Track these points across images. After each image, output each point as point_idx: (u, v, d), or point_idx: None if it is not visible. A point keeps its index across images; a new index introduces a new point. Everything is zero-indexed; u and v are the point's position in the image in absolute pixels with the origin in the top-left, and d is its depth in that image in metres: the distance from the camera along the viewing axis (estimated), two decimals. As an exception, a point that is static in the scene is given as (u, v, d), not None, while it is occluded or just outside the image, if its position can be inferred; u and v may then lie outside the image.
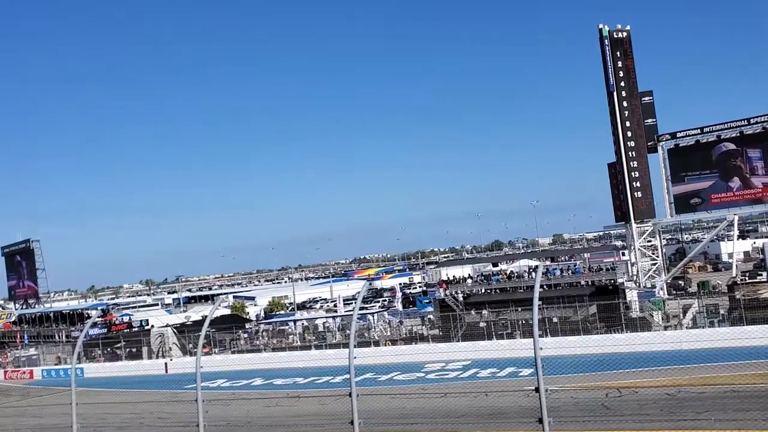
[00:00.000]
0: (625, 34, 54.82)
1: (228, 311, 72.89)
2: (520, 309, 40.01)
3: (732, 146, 50.40)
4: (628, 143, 54.11)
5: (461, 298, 46.45)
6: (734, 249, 53.30)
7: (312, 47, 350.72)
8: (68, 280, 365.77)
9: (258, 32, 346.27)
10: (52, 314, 78.76)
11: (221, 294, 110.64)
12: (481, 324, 41.70)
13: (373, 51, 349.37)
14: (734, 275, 48.37)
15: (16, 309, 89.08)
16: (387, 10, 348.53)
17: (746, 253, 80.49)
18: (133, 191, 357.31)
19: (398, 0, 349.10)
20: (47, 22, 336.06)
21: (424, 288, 76.81)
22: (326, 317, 55.56)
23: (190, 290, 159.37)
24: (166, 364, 44.69)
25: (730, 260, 53.34)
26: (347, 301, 74.20)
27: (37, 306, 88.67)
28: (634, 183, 53.82)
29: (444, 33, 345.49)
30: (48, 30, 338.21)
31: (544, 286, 43.73)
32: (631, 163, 54.01)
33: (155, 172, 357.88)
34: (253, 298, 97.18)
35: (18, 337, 71.27)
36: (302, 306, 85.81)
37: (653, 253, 54.32)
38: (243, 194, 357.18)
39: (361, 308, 57.00)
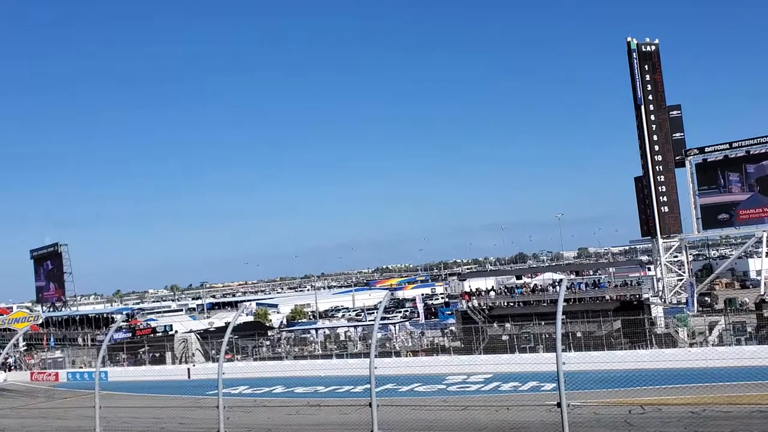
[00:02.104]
0: (653, 47, 54.51)
1: (251, 318, 73.30)
2: (543, 323, 39.74)
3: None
4: (656, 157, 53.70)
5: (483, 310, 46.28)
6: (762, 266, 52.50)
7: (334, 53, 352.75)
8: (95, 284, 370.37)
9: (280, 34, 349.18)
10: (78, 317, 79.77)
11: (244, 301, 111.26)
12: (504, 337, 41.49)
13: (396, 60, 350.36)
14: (762, 293, 47.63)
15: (43, 312, 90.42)
16: (412, 16, 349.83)
17: (775, 271, 79.09)
18: (160, 198, 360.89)
19: (420, 9, 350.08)
20: (69, 28, 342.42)
21: (447, 299, 76.66)
22: (348, 326, 55.63)
23: (214, 296, 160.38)
24: (188, 369, 44.99)
25: (758, 277, 52.62)
26: (369, 310, 74.25)
27: (63, 309, 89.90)
28: (660, 197, 53.35)
29: (467, 43, 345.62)
30: (58, 35, 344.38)
31: (568, 300, 43.40)
32: (658, 177, 53.55)
33: (182, 180, 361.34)
34: (275, 306, 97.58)
35: (44, 339, 72.28)
36: (324, 314, 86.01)
37: (679, 269, 53.71)
38: (268, 202, 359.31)
39: (383, 318, 57.10)
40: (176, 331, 61.67)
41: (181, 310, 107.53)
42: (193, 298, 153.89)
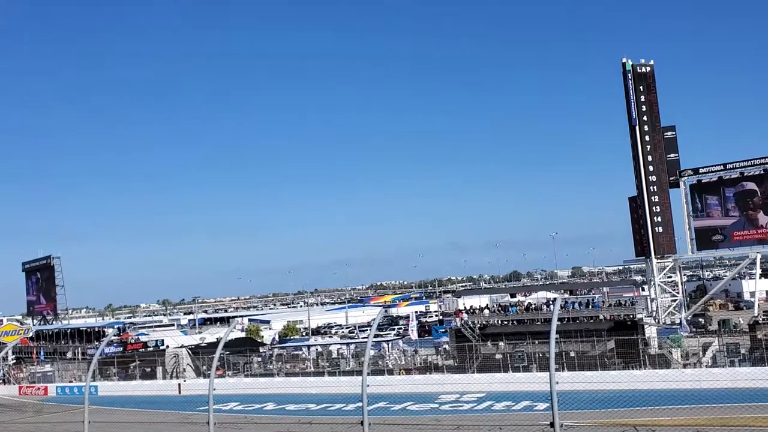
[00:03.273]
0: (648, 68, 54.82)
1: (243, 334, 72.86)
2: (537, 342, 39.58)
3: (752, 185, 49.97)
4: (650, 178, 53.84)
5: (477, 329, 46.11)
6: (756, 287, 52.54)
7: (335, 73, 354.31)
8: (86, 297, 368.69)
9: (283, 50, 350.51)
10: (68, 331, 79.16)
11: (236, 317, 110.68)
12: (497, 356, 41.30)
13: (395, 82, 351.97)
14: (756, 314, 47.61)
15: (34, 325, 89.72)
16: (412, 43, 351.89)
17: (768, 292, 79.13)
18: (154, 212, 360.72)
19: (424, 36, 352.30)
20: (80, 36, 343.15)
21: (441, 317, 76.35)
22: (340, 343, 55.31)
23: (206, 312, 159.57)
24: (179, 384, 44.62)
25: (752, 299, 52.61)
26: (362, 327, 73.91)
27: (54, 322, 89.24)
28: (655, 218, 53.44)
29: (464, 60, 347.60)
30: (56, 46, 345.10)
31: (562, 320, 43.30)
32: (653, 197, 53.67)
33: (176, 194, 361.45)
34: (268, 322, 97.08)
35: (34, 353, 71.64)
36: (317, 331, 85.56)
37: (673, 289, 53.69)
38: (262, 218, 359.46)
39: (376, 335, 56.80)
40: (167, 346, 61.25)
41: (173, 324, 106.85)
42: (184, 313, 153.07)
